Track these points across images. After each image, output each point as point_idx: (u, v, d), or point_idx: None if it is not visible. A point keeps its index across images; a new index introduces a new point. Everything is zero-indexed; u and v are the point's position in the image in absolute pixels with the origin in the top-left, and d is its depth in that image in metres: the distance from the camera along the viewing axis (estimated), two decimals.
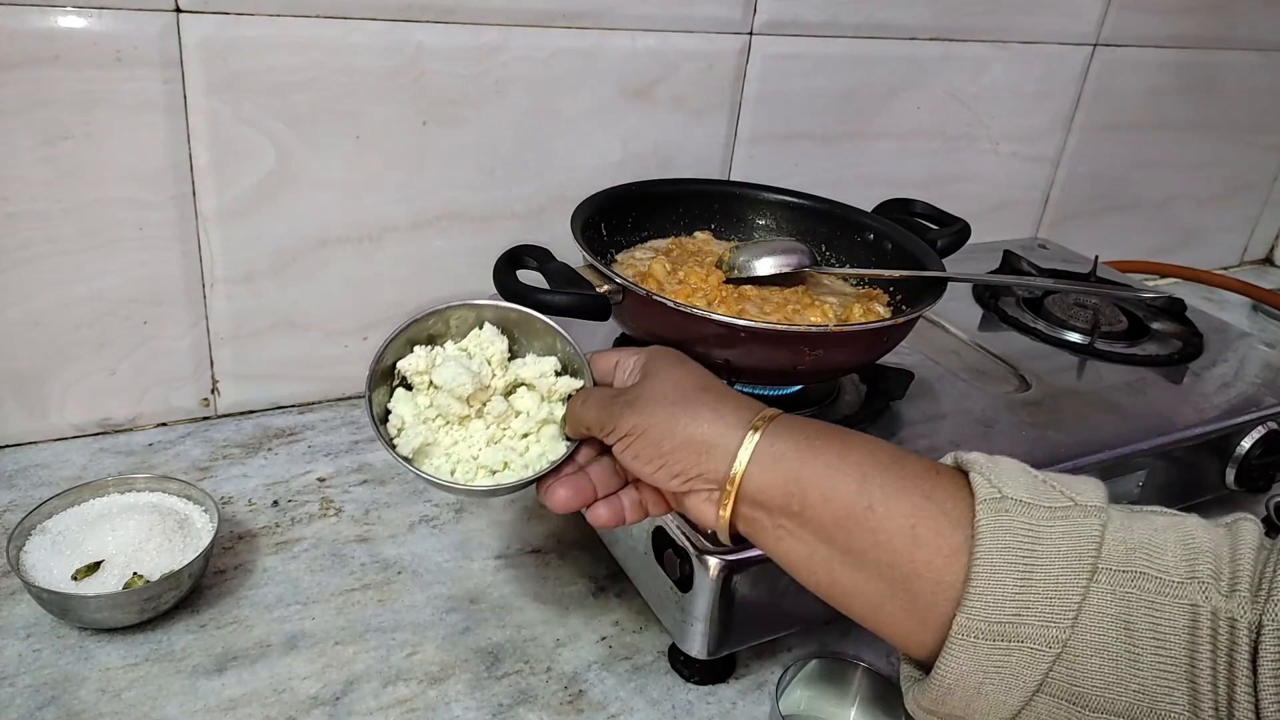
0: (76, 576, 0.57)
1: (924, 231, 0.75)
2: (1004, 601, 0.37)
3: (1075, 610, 0.36)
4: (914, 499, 0.40)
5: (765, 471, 0.42)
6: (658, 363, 0.48)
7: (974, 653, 0.37)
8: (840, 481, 0.41)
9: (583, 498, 0.49)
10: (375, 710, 0.55)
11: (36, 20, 0.61)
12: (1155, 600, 0.36)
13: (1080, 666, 0.36)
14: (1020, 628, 0.36)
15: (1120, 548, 0.37)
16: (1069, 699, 0.37)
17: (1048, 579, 0.37)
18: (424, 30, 0.73)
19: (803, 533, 0.42)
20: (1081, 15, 1.06)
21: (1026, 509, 0.38)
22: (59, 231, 0.67)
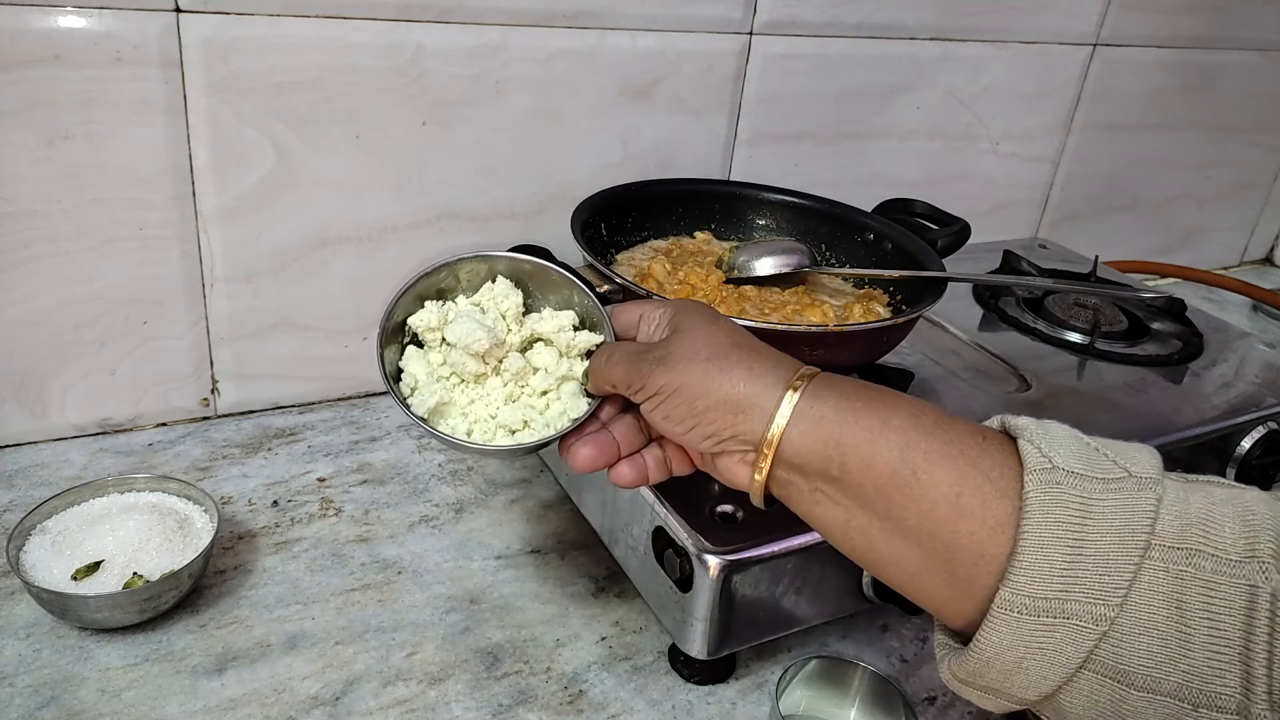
0: (76, 576, 0.57)
1: (924, 231, 0.75)
2: (1051, 577, 0.35)
3: (1126, 588, 0.35)
4: (959, 466, 0.39)
5: (804, 434, 0.41)
6: (689, 318, 0.46)
7: (1017, 627, 0.36)
8: (883, 446, 0.40)
9: (607, 456, 0.47)
10: (375, 710, 0.55)
11: (36, 20, 0.61)
12: (1211, 579, 0.35)
13: (1128, 645, 0.35)
14: (1066, 604, 0.35)
15: (1176, 523, 0.36)
16: (1114, 677, 0.35)
17: (1098, 555, 0.35)
18: (424, 30, 0.73)
19: (841, 497, 0.40)
20: (1081, 15, 1.06)
21: (1078, 480, 0.37)
22: (59, 231, 0.67)
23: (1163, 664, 0.35)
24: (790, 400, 0.41)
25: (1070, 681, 0.36)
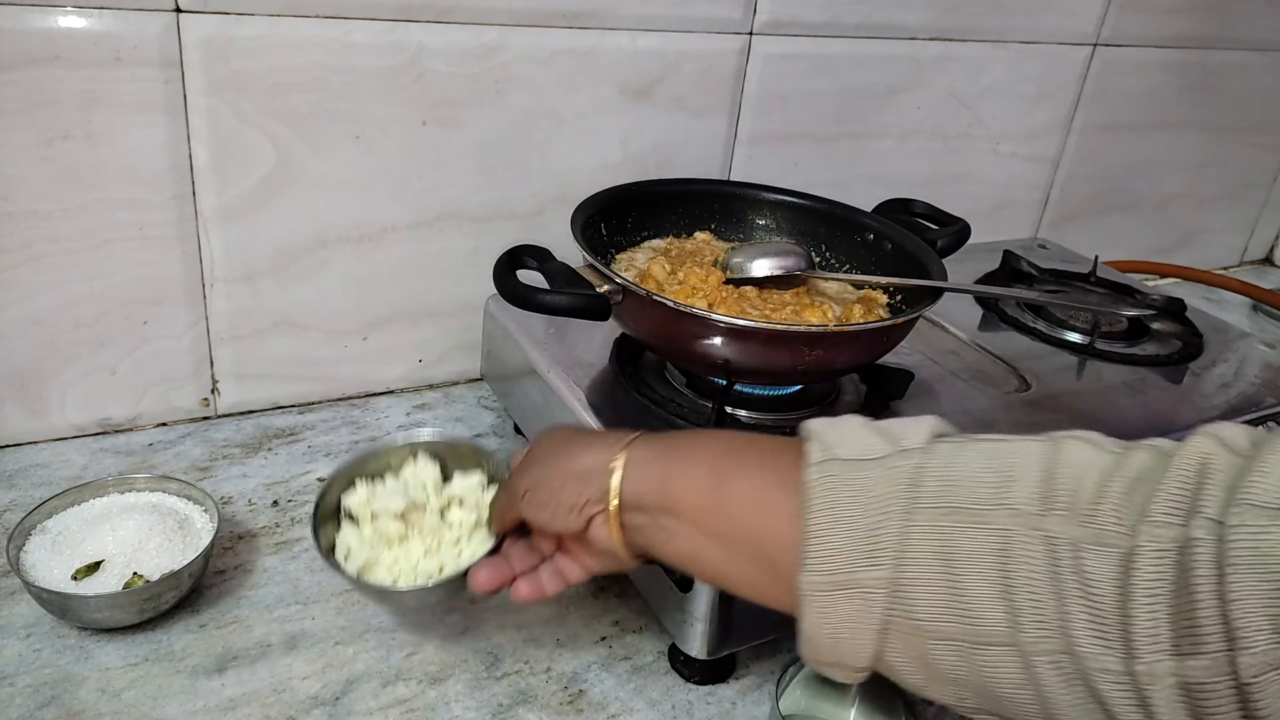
0: (76, 576, 0.57)
1: (924, 231, 0.75)
2: (837, 555, 0.40)
3: (897, 551, 0.39)
4: (756, 473, 0.44)
5: (637, 476, 0.47)
6: (540, 436, 0.53)
7: (822, 606, 0.40)
8: (696, 470, 0.46)
9: (501, 577, 0.52)
10: (375, 710, 0.55)
11: (36, 20, 0.61)
12: (968, 530, 0.39)
13: (912, 602, 0.39)
14: (854, 574, 0.40)
15: (936, 484, 0.40)
16: (913, 632, 0.39)
17: (871, 526, 0.40)
18: (424, 30, 0.73)
19: (681, 528, 0.45)
20: (1081, 15, 1.06)
21: (850, 465, 0.41)
22: (59, 231, 0.67)
23: (943, 612, 0.39)
24: (622, 455, 0.47)
25: (885, 643, 0.40)
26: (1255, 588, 0.33)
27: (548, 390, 0.69)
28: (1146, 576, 0.35)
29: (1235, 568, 0.33)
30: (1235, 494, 0.35)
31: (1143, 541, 0.36)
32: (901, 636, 0.40)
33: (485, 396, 0.87)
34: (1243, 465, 0.36)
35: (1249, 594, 0.33)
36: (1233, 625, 0.33)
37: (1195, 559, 0.34)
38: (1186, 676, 0.34)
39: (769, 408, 0.69)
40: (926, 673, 0.40)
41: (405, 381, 0.86)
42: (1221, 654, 0.33)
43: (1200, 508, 0.35)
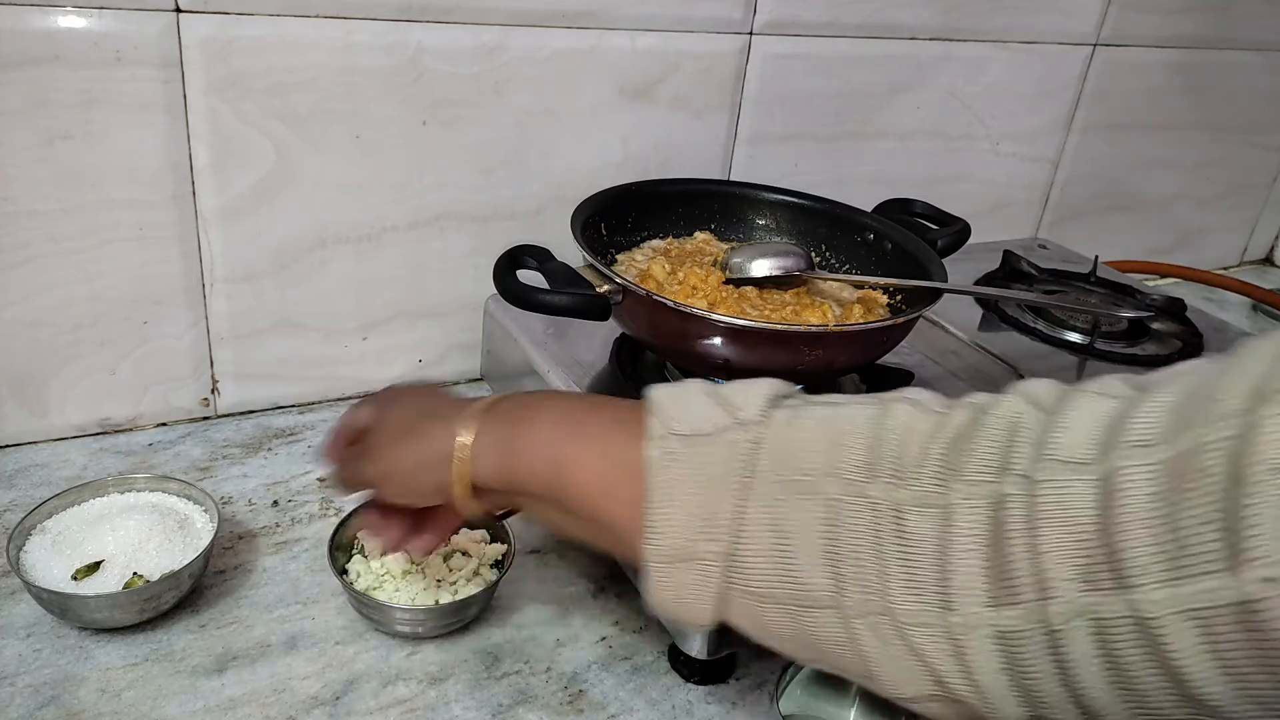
0: (77, 576, 0.57)
1: (924, 231, 0.75)
2: (675, 529, 0.42)
3: (733, 524, 0.41)
4: (595, 461, 0.45)
5: (482, 462, 0.48)
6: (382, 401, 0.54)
7: (662, 573, 0.43)
8: (536, 452, 0.47)
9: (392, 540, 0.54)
10: (375, 710, 0.55)
11: (36, 20, 0.61)
12: (799, 501, 0.40)
13: (747, 570, 0.41)
14: (691, 547, 0.42)
15: (770, 458, 0.42)
16: (747, 596, 0.41)
17: (707, 503, 0.41)
18: (424, 30, 0.73)
19: (533, 504, 0.48)
20: (1081, 15, 1.06)
21: (688, 441, 0.43)
22: (59, 231, 0.67)
23: (776, 580, 0.41)
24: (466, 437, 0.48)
25: (724, 607, 0.42)
26: (1062, 540, 0.34)
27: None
28: (963, 532, 0.37)
29: (1044, 522, 0.35)
30: (1043, 449, 0.36)
31: (957, 499, 0.37)
32: (738, 602, 0.42)
33: (485, 396, 0.87)
34: (1048, 421, 0.37)
35: (1057, 546, 0.34)
36: (1044, 576, 0.35)
37: (1008, 514, 0.36)
38: (1001, 625, 0.36)
39: None
40: (762, 632, 0.43)
41: (405, 381, 0.86)
42: (1034, 603, 0.35)
43: (1011, 464, 0.37)
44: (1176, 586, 0.32)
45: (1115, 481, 0.34)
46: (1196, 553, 0.31)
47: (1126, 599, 0.33)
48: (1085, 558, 0.34)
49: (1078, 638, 0.34)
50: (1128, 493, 0.33)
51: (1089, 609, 0.34)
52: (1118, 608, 0.33)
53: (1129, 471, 0.34)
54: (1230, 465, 0.31)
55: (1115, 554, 0.33)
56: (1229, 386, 0.33)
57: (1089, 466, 0.35)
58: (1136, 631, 0.33)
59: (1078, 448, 0.36)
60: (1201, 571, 0.31)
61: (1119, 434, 0.35)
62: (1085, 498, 0.34)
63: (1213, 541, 0.31)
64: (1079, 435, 0.36)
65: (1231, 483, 0.31)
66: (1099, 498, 0.34)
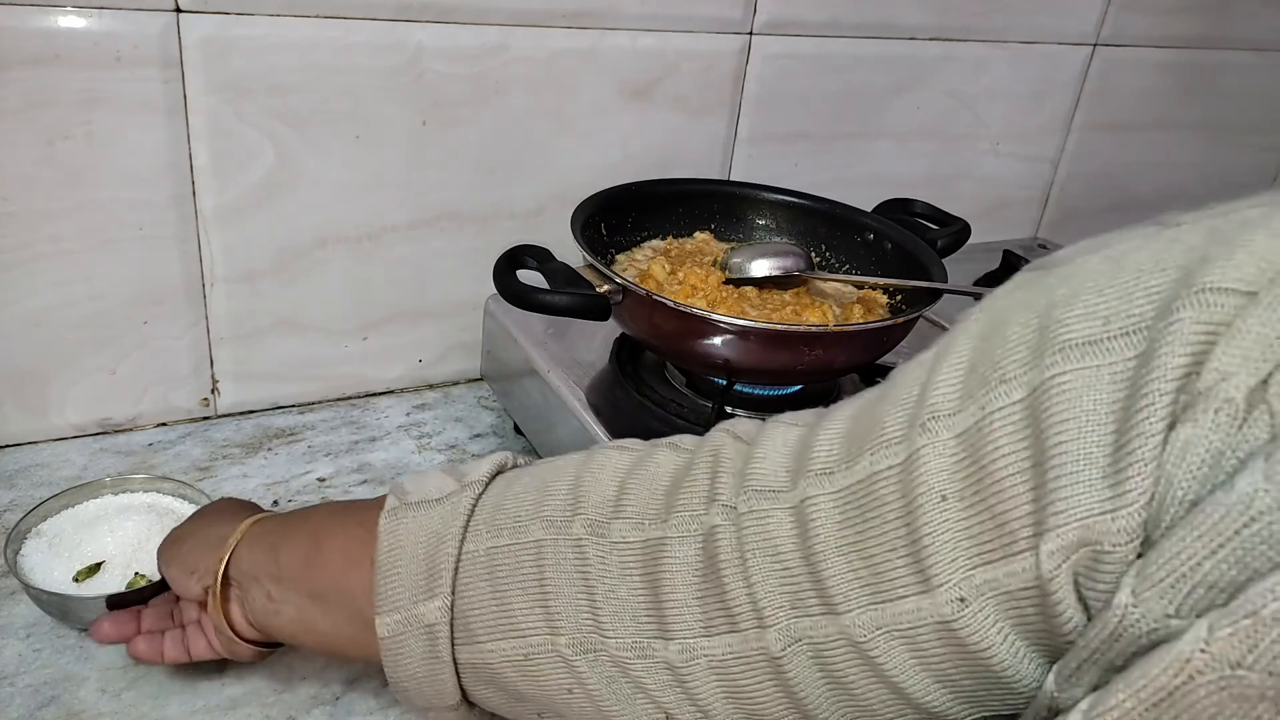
0: (78, 578, 0.57)
1: (924, 231, 0.75)
2: (400, 593, 0.42)
3: (450, 579, 0.42)
4: (349, 529, 0.46)
5: (251, 548, 0.48)
6: (209, 503, 0.56)
7: (396, 647, 0.42)
8: (300, 535, 0.47)
9: (122, 631, 0.52)
10: (375, 710, 0.55)
11: (36, 20, 0.61)
12: (509, 548, 0.41)
13: (470, 626, 0.41)
14: (416, 610, 0.42)
15: (486, 512, 0.43)
16: (479, 656, 0.42)
17: (427, 561, 0.42)
18: (424, 30, 0.73)
19: (288, 595, 0.46)
20: (1081, 15, 1.06)
21: (414, 509, 0.44)
22: (59, 231, 0.67)
23: (496, 630, 0.41)
24: (244, 526, 0.49)
25: (461, 676, 0.42)
26: (770, 569, 0.36)
27: (548, 390, 0.69)
28: (674, 563, 0.38)
29: (751, 551, 0.36)
30: (743, 480, 0.38)
31: (670, 531, 0.38)
32: (472, 665, 0.42)
33: (485, 396, 0.87)
34: (746, 452, 0.39)
35: (767, 576, 0.36)
36: (759, 605, 0.36)
37: (718, 544, 0.37)
38: (717, 654, 0.37)
39: (769, 408, 0.69)
40: (504, 696, 0.43)
41: (405, 381, 0.86)
42: (752, 631, 0.36)
43: (716, 495, 0.38)
44: (879, 610, 0.33)
45: (806, 510, 0.35)
46: (891, 578, 0.33)
47: (837, 623, 0.34)
48: (793, 585, 0.35)
49: (799, 661, 0.35)
50: (818, 522, 0.35)
51: (804, 634, 0.35)
52: (830, 631, 0.35)
53: (817, 500, 0.35)
54: (902, 492, 0.33)
55: (819, 581, 0.35)
56: (887, 414, 0.35)
57: (783, 495, 0.37)
58: (852, 652, 0.34)
59: (771, 477, 0.37)
60: (898, 595, 0.33)
61: (803, 462, 0.37)
62: (785, 526, 0.36)
63: (902, 567, 0.33)
64: (772, 464, 0.38)
65: (906, 510, 0.33)
66: (796, 526, 0.36)
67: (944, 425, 0.33)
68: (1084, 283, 0.32)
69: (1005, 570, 0.31)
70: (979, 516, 0.31)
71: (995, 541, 0.31)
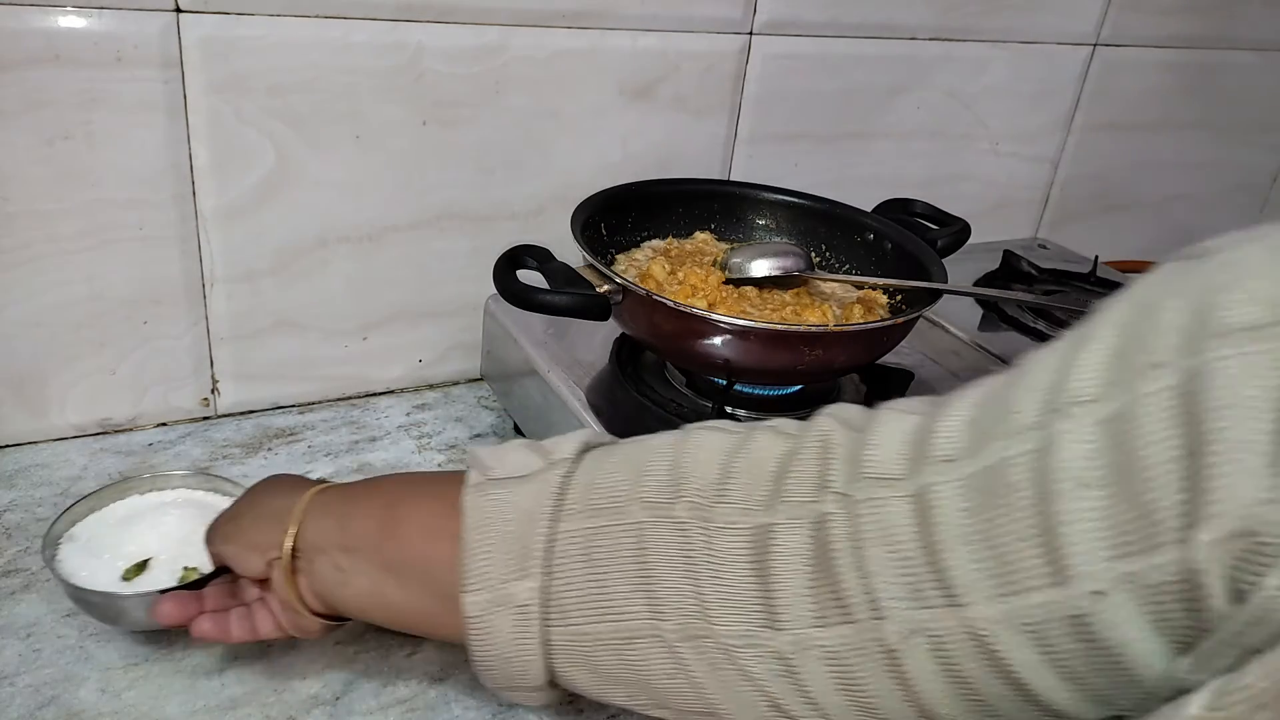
0: (126, 576, 0.55)
1: (924, 231, 0.75)
2: (490, 570, 0.41)
3: (544, 559, 0.41)
4: (426, 501, 0.45)
5: (318, 518, 0.47)
6: (258, 482, 0.54)
7: (484, 626, 0.42)
8: (373, 504, 0.47)
9: (186, 611, 0.50)
10: (375, 710, 0.55)
11: (36, 20, 0.61)
12: (607, 528, 0.40)
13: (566, 607, 0.40)
14: (508, 589, 0.41)
15: (580, 491, 0.42)
16: (573, 638, 0.41)
17: (519, 538, 0.41)
18: (424, 30, 0.73)
19: (359, 565, 0.45)
20: (1081, 15, 1.06)
21: (501, 484, 0.43)
22: (59, 231, 0.67)
23: (594, 613, 0.40)
24: (308, 497, 0.48)
25: (553, 657, 0.41)
26: (888, 559, 0.35)
27: (548, 390, 0.69)
28: (784, 550, 0.37)
29: (868, 540, 0.35)
30: (857, 467, 0.37)
31: (779, 518, 0.37)
32: (564, 646, 0.41)
33: (485, 396, 0.87)
34: (858, 439, 0.38)
35: (883, 565, 0.35)
36: (875, 596, 0.35)
37: (830, 532, 0.36)
38: (830, 645, 0.36)
39: (769, 408, 0.69)
40: (595, 678, 0.42)
41: (405, 381, 0.86)
42: (868, 622, 0.35)
43: (828, 483, 0.37)
44: (1005, 602, 0.32)
45: (928, 498, 0.34)
46: (1020, 568, 0.32)
47: (959, 615, 0.33)
48: (912, 575, 0.34)
49: (917, 655, 0.34)
50: (941, 509, 0.34)
51: (923, 626, 0.34)
52: (951, 624, 0.33)
53: (939, 487, 0.34)
54: (1036, 480, 0.32)
55: (941, 571, 0.34)
56: (1020, 399, 0.34)
57: (900, 482, 0.35)
58: (973, 645, 0.33)
59: (888, 464, 0.36)
60: (1027, 587, 0.32)
61: (924, 449, 0.36)
62: (903, 514, 0.35)
63: (1033, 557, 0.32)
64: (888, 451, 0.37)
65: (1040, 498, 0.32)
66: (915, 515, 0.35)
67: (1086, 411, 0.31)
68: (1246, 269, 0.31)
69: (1149, 562, 0.29)
70: (1122, 506, 0.30)
71: (1139, 532, 0.30)
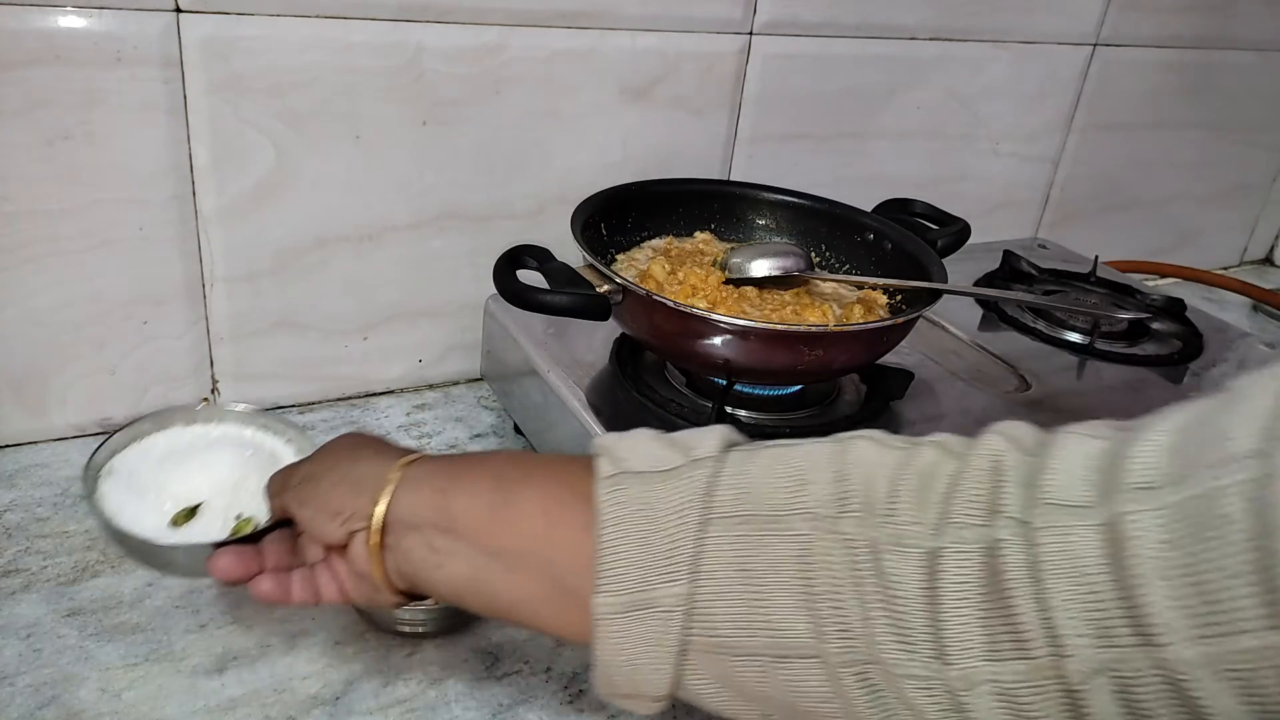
0: (175, 522, 0.51)
1: (924, 231, 0.75)
2: (630, 572, 0.38)
3: (691, 564, 0.38)
4: (544, 484, 0.42)
5: (412, 492, 0.44)
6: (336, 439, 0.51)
7: (617, 629, 0.39)
8: (479, 483, 0.43)
9: (245, 567, 0.48)
10: (375, 710, 0.55)
11: (36, 20, 0.61)
12: (765, 538, 0.37)
13: (712, 617, 0.38)
14: (648, 593, 0.38)
15: (730, 493, 0.39)
16: (714, 650, 0.38)
17: (663, 540, 0.38)
18: (424, 30, 0.73)
19: (458, 548, 0.42)
20: (1081, 15, 1.06)
21: (640, 478, 0.40)
22: (59, 231, 0.67)
23: (745, 627, 0.37)
24: (399, 469, 0.45)
25: (685, 667, 0.38)
26: (1071, 593, 0.32)
27: (548, 390, 0.69)
28: (953, 579, 0.34)
29: (1049, 572, 0.33)
30: (1035, 492, 0.34)
31: (947, 543, 0.35)
32: (702, 657, 0.38)
33: (485, 396, 0.87)
34: (1034, 463, 0.35)
35: (1067, 600, 0.32)
36: (1056, 631, 0.32)
37: (1004, 561, 0.33)
38: (1004, 680, 0.33)
39: (769, 408, 0.69)
40: (729, 693, 0.39)
41: (405, 381, 0.86)
42: (1046, 659, 0.32)
43: (1000, 507, 0.35)
44: (1210, 645, 0.29)
45: (1121, 528, 0.31)
46: (1229, 608, 0.29)
47: (1153, 656, 0.30)
48: (1099, 611, 0.31)
49: (1101, 696, 0.32)
50: (1138, 541, 0.31)
51: (1110, 666, 0.31)
52: (1143, 665, 0.31)
53: (1135, 517, 0.31)
54: (1255, 512, 0.29)
55: (1135, 607, 0.31)
56: (1237, 426, 0.31)
57: (1088, 511, 0.33)
58: (1167, 690, 0.31)
59: (1072, 490, 0.33)
60: (1238, 629, 0.29)
61: (1116, 476, 0.33)
62: (1091, 545, 0.32)
63: (1247, 597, 0.29)
64: (1072, 477, 0.34)
65: (1260, 532, 0.29)
66: (1106, 546, 0.32)
67: None
68: None
69: None
70: None
71: None
